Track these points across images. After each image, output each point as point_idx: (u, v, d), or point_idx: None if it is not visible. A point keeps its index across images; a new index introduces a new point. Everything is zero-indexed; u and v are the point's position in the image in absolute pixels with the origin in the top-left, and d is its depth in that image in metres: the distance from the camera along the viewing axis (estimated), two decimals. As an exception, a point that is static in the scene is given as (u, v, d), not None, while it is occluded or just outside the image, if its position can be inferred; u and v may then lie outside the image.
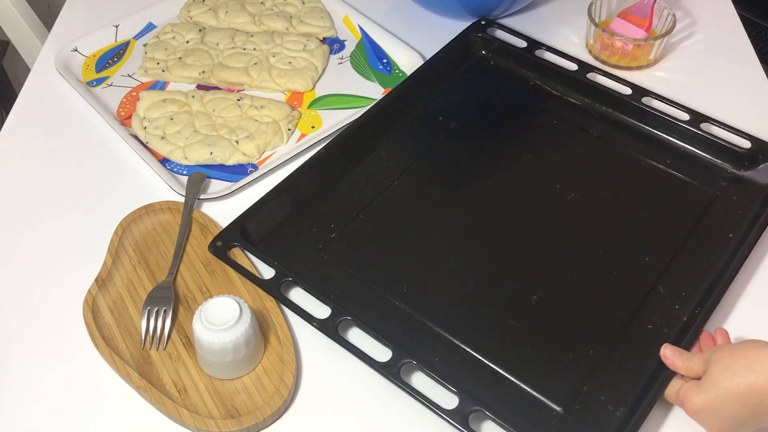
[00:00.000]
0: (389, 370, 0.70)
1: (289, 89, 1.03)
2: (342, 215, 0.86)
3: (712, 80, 1.03)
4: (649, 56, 1.03)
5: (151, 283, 0.80)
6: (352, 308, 0.75)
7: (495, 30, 1.07)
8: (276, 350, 0.74)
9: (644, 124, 0.94)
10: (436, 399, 0.69)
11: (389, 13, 1.15)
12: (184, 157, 0.93)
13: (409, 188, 0.90)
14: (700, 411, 0.64)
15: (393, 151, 0.94)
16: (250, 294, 0.78)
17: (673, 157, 0.91)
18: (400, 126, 0.97)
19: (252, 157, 0.94)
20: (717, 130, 0.92)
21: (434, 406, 0.68)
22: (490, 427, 0.69)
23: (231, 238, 0.82)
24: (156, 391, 0.71)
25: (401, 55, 1.07)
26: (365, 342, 0.73)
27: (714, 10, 1.14)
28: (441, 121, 0.97)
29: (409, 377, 0.73)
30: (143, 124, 0.97)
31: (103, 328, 0.76)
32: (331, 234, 0.84)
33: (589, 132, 0.95)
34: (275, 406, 0.70)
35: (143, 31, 1.13)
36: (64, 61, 1.05)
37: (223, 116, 0.98)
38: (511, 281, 0.80)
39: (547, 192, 0.88)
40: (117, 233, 0.84)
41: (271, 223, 0.85)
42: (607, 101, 0.96)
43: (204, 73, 1.04)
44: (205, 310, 0.70)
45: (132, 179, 0.92)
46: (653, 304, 0.77)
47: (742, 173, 0.89)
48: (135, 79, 1.05)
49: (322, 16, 1.13)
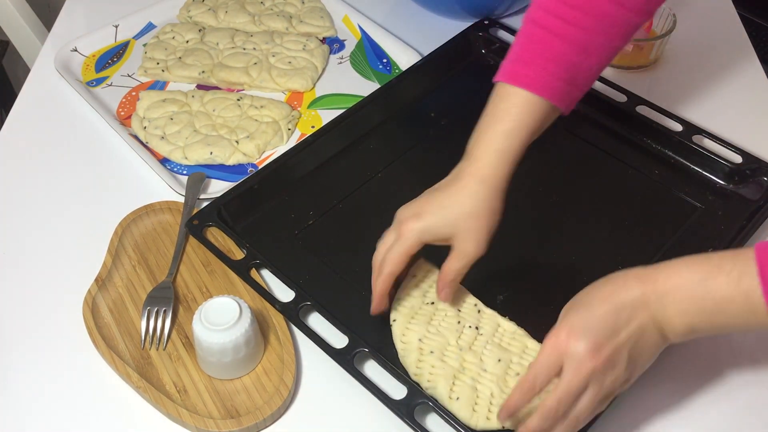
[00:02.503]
0: (342, 357, 0.71)
1: (289, 89, 1.03)
2: (322, 203, 0.87)
3: (712, 82, 1.03)
4: (649, 56, 1.03)
5: (151, 283, 0.80)
6: (316, 294, 0.76)
7: (497, 30, 1.07)
8: (276, 350, 0.74)
9: (636, 132, 0.93)
10: (388, 390, 0.69)
11: (389, 13, 1.15)
12: (184, 157, 0.93)
13: (391, 181, 0.90)
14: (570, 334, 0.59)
15: (381, 144, 0.94)
16: (249, 294, 0.78)
17: (663, 168, 0.90)
18: (391, 119, 0.97)
19: (252, 157, 0.94)
20: (709, 143, 0.90)
21: (382, 395, 0.68)
22: (434, 421, 0.70)
23: (207, 218, 0.83)
24: (156, 391, 0.71)
25: (401, 54, 1.07)
26: (324, 328, 0.74)
27: (714, 10, 1.14)
28: (433, 117, 0.98)
29: (362, 365, 0.73)
30: (143, 123, 0.97)
31: (103, 328, 0.76)
32: (309, 221, 0.86)
33: (579, 137, 0.94)
34: (275, 406, 0.70)
35: (143, 31, 1.13)
36: (64, 61, 1.05)
37: (223, 116, 0.98)
38: (481, 279, 0.78)
39: (530, 195, 0.87)
40: (117, 233, 0.84)
41: (251, 207, 0.86)
42: (601, 108, 0.95)
43: (204, 73, 1.04)
44: (205, 310, 0.70)
45: (132, 179, 0.92)
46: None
47: (730, 188, 0.88)
48: (135, 79, 1.05)
49: (321, 15, 1.13)
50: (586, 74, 0.72)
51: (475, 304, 0.75)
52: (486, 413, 0.67)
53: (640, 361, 0.61)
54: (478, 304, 0.75)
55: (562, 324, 0.60)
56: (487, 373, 0.70)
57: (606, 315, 0.59)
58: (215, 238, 0.83)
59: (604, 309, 0.59)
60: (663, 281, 0.59)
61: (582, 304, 0.61)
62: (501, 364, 0.70)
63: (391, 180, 0.90)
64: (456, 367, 0.70)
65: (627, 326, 0.59)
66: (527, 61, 0.70)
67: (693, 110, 0.97)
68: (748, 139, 0.92)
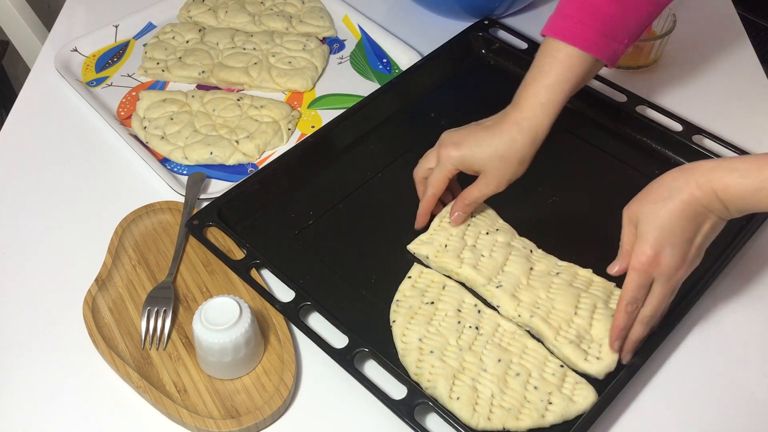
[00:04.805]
0: (342, 357, 0.71)
1: (289, 89, 1.03)
2: (322, 203, 0.87)
3: (712, 82, 1.03)
4: (649, 56, 1.03)
5: (151, 283, 0.80)
6: (316, 294, 0.76)
7: (497, 30, 1.07)
8: (276, 350, 0.74)
9: (636, 132, 0.94)
10: (388, 390, 0.69)
11: (389, 13, 1.15)
12: (184, 157, 0.93)
13: (391, 181, 0.90)
14: (659, 254, 0.65)
15: (380, 144, 0.94)
16: (249, 294, 0.78)
17: (663, 168, 0.87)
18: (391, 119, 0.97)
19: (252, 157, 0.94)
20: (709, 143, 0.91)
21: (382, 395, 0.68)
22: (434, 420, 0.70)
23: (208, 217, 0.83)
24: (156, 391, 0.71)
25: (401, 54, 1.07)
26: (324, 328, 0.74)
27: (714, 10, 1.14)
28: (433, 117, 0.98)
29: (362, 365, 0.73)
30: (143, 123, 0.97)
31: (103, 328, 0.76)
32: (309, 221, 0.86)
33: (580, 137, 0.94)
34: (275, 406, 0.70)
35: (143, 31, 1.13)
36: (64, 61, 1.05)
37: (223, 116, 0.98)
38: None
39: (530, 194, 0.87)
40: (117, 233, 0.84)
41: (252, 207, 0.86)
42: (601, 108, 0.95)
43: (204, 73, 1.04)
44: (205, 310, 0.70)
45: (132, 179, 0.92)
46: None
47: None
48: (135, 79, 1.05)
49: (321, 15, 1.13)
50: (624, 28, 0.76)
51: (475, 305, 0.75)
52: (487, 413, 0.67)
53: (706, 248, 0.68)
54: (478, 304, 0.75)
55: (644, 242, 0.65)
56: (487, 373, 0.70)
57: (683, 226, 0.64)
58: (215, 238, 0.83)
59: (680, 222, 0.64)
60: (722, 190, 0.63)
61: (655, 215, 0.65)
62: (501, 364, 0.70)
63: (391, 180, 0.90)
64: (456, 367, 0.70)
65: (701, 230, 0.65)
66: (567, 14, 0.76)
67: (693, 110, 0.97)
68: (748, 139, 0.92)
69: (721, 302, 0.79)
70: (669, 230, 0.64)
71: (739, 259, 0.81)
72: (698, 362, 0.74)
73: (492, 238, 0.80)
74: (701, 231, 0.65)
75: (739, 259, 0.81)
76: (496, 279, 0.76)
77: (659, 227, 0.64)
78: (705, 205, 0.63)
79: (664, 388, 0.72)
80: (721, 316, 0.78)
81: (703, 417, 0.71)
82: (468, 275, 0.77)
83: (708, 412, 0.71)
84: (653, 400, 0.71)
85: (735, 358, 0.74)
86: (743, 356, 0.74)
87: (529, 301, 0.75)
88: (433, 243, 0.80)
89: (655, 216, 0.64)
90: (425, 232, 0.82)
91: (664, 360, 0.74)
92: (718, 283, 0.78)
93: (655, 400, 0.71)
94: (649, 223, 0.65)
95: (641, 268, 0.66)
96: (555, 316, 0.73)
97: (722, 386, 0.72)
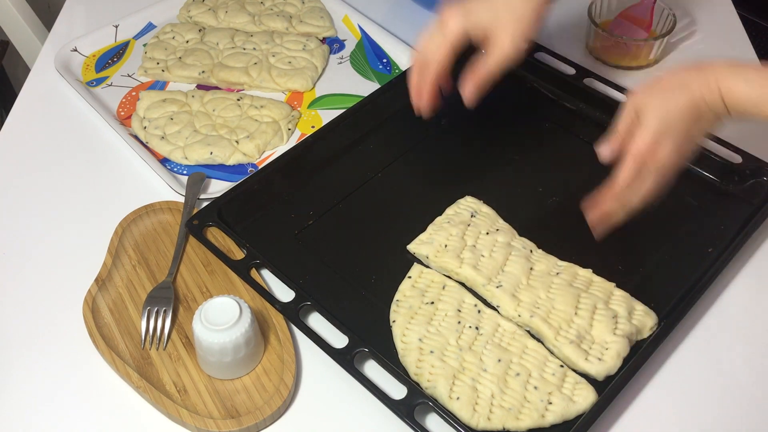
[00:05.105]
0: (342, 357, 0.71)
1: (289, 89, 1.03)
2: (322, 203, 0.87)
3: (712, 80, 1.03)
4: (649, 56, 1.03)
5: (151, 283, 0.80)
6: (316, 294, 0.76)
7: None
8: (276, 350, 0.74)
9: None
10: (388, 390, 0.69)
11: (389, 13, 1.15)
12: (184, 157, 0.93)
13: (391, 181, 0.90)
14: (658, 143, 0.65)
15: (380, 144, 0.94)
16: (249, 294, 0.78)
17: None
18: (391, 119, 0.97)
19: (252, 157, 0.94)
20: (709, 143, 0.90)
21: (382, 395, 0.68)
22: (434, 420, 0.70)
23: (208, 217, 0.83)
24: (156, 391, 0.71)
25: (401, 54, 1.07)
26: (324, 328, 0.74)
27: (714, 10, 1.14)
28: (433, 117, 0.97)
29: (362, 365, 0.73)
30: (143, 123, 0.97)
31: (103, 328, 0.76)
32: (309, 221, 0.85)
33: (578, 137, 0.94)
34: (275, 406, 0.70)
35: (143, 31, 1.13)
36: (64, 61, 1.05)
37: (223, 116, 0.98)
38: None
39: (530, 194, 0.87)
40: (117, 233, 0.84)
41: (251, 207, 0.86)
42: (601, 107, 0.95)
43: (204, 73, 1.04)
44: (205, 310, 0.70)
45: (132, 179, 0.92)
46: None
47: (730, 188, 0.87)
48: (135, 79, 1.05)
49: (321, 15, 1.13)
50: None
51: (475, 305, 0.75)
52: (487, 413, 0.67)
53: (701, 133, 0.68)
54: (478, 305, 0.75)
55: (646, 130, 0.65)
56: (487, 373, 0.70)
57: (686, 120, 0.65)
58: (215, 238, 0.83)
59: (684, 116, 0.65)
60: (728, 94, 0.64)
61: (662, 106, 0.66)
62: (501, 364, 0.70)
63: (391, 180, 0.90)
64: (456, 367, 0.70)
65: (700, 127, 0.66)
66: None
67: (693, 110, 0.96)
68: (748, 139, 0.92)
69: (721, 302, 0.79)
70: (673, 123, 0.64)
71: (739, 258, 0.81)
72: (698, 362, 0.74)
73: (492, 238, 0.80)
74: (700, 128, 0.66)
75: (739, 259, 0.81)
76: (496, 279, 0.76)
77: (664, 118, 0.65)
78: (708, 103, 0.64)
79: (664, 388, 0.72)
80: (721, 316, 0.78)
81: (703, 417, 0.71)
82: (468, 275, 0.77)
83: (708, 412, 0.71)
84: (653, 400, 0.71)
85: (735, 358, 0.74)
86: (744, 356, 0.74)
87: (529, 301, 0.75)
88: (433, 243, 0.80)
89: (663, 107, 0.65)
90: (425, 232, 0.82)
91: (665, 360, 0.74)
92: (718, 282, 0.78)
93: (655, 400, 0.71)
94: (655, 112, 0.65)
95: (639, 155, 0.66)
96: (555, 316, 0.73)
97: (722, 386, 0.72)
